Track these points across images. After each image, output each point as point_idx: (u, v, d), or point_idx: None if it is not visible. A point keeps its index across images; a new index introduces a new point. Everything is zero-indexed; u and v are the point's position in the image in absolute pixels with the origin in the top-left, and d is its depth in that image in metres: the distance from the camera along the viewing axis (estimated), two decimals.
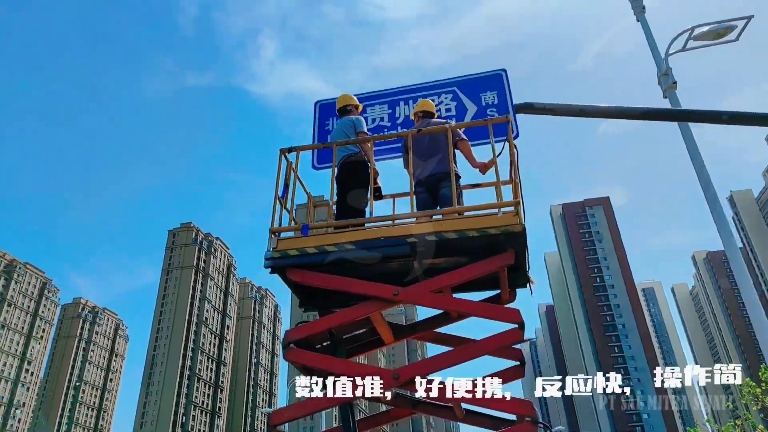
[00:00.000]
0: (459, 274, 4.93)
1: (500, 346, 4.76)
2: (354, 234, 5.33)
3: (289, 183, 5.95)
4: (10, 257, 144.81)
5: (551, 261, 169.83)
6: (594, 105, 6.74)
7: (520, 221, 4.78)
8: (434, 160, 5.75)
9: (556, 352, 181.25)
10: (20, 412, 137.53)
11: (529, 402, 4.33)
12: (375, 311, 5.13)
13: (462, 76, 7.39)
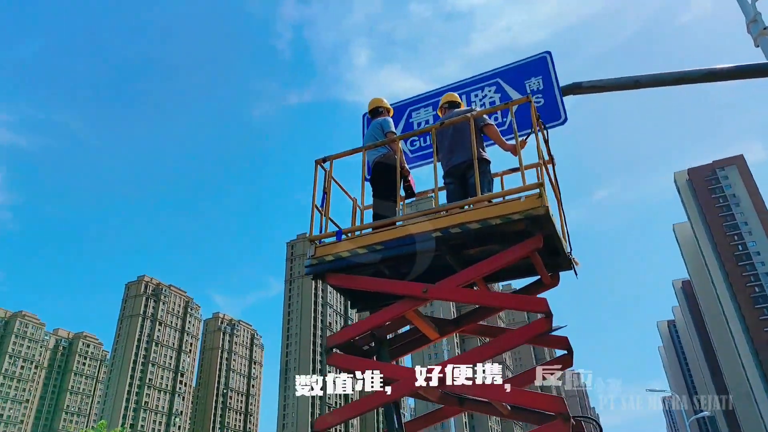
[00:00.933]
0: (486, 264, 4.74)
1: (529, 337, 4.50)
2: (382, 234, 5.32)
3: (327, 191, 6.07)
4: (157, 281, 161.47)
5: (682, 233, 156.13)
6: (648, 74, 6.18)
7: (544, 203, 4.48)
8: (459, 149, 5.58)
9: (699, 332, 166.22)
10: (179, 419, 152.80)
11: (561, 398, 4.04)
12: (408, 310, 5.07)
13: (505, 66, 7.18)
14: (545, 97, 6.65)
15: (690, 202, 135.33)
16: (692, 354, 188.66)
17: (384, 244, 5.23)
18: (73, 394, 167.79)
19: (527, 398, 4.27)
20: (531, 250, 4.60)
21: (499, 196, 4.89)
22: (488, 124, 5.68)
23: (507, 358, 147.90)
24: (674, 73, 6.04)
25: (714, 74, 5.90)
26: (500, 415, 5.09)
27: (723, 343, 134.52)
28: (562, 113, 6.49)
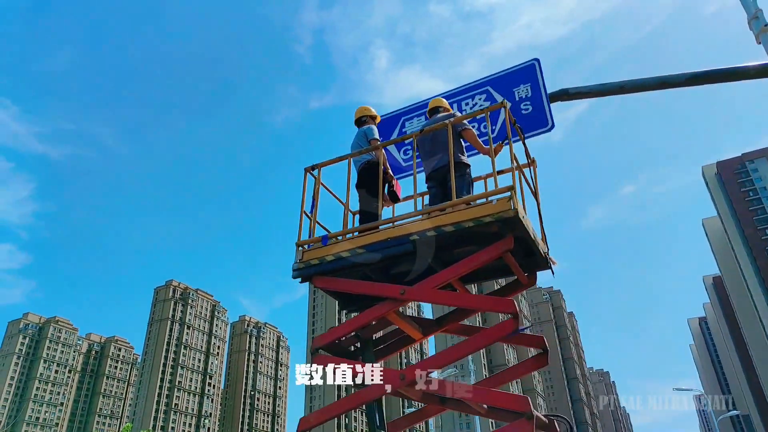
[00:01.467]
0: (460, 266, 4.88)
1: (498, 337, 4.64)
2: (364, 238, 5.50)
3: (316, 197, 6.28)
4: (184, 285, 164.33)
5: (711, 227, 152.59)
6: (633, 79, 6.24)
7: (513, 206, 4.60)
8: (440, 154, 5.73)
9: (731, 328, 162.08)
10: (209, 421, 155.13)
11: (525, 398, 4.16)
12: (388, 311, 5.23)
13: (495, 74, 7.26)
14: (533, 104, 6.74)
15: (719, 196, 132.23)
16: (724, 351, 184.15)
17: (365, 248, 5.41)
18: (106, 397, 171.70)
19: (494, 397, 4.41)
20: (502, 251, 4.73)
21: (473, 200, 5.02)
22: (467, 128, 5.81)
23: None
24: (657, 78, 6.08)
25: (696, 78, 5.92)
26: (479, 414, 5.22)
27: (756, 339, 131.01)
28: (549, 120, 6.57)
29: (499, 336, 4.66)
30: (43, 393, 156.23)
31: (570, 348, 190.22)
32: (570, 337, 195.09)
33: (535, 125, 6.59)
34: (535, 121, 6.62)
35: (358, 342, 5.80)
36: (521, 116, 6.71)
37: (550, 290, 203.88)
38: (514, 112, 6.77)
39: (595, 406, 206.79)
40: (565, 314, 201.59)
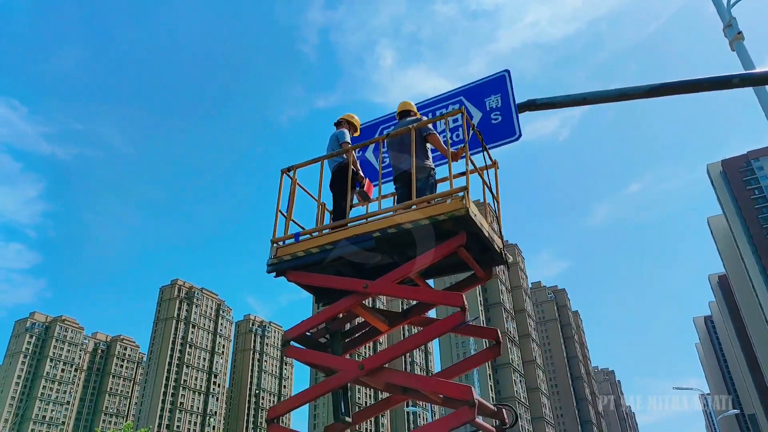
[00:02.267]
0: (417, 261, 5.16)
1: (446, 329, 4.93)
2: (332, 236, 5.78)
3: (293, 197, 6.57)
4: (189, 284, 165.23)
5: (717, 225, 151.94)
6: (595, 91, 6.48)
7: (465, 205, 4.88)
8: (405, 157, 5.99)
9: (737, 327, 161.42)
10: (213, 419, 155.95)
11: (468, 387, 4.44)
12: (354, 304, 5.51)
13: (468, 85, 7.49)
14: (503, 114, 6.96)
15: (724, 195, 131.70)
16: (730, 350, 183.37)
17: (333, 244, 5.70)
18: (112, 395, 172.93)
19: (440, 386, 4.71)
20: (456, 246, 5.01)
21: (430, 200, 5.30)
22: (431, 133, 6.09)
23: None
24: (617, 90, 6.32)
25: (655, 90, 6.12)
26: (436, 403, 5.49)
27: (761, 338, 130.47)
28: (516, 130, 6.81)
29: (447, 328, 4.94)
30: (49, 391, 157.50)
31: (575, 347, 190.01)
32: (575, 336, 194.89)
33: (504, 135, 6.84)
34: (504, 131, 6.86)
35: (328, 334, 6.08)
36: (491, 126, 6.96)
37: (554, 289, 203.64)
38: (485, 122, 7.04)
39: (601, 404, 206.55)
40: (569, 313, 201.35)
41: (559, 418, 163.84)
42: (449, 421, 4.40)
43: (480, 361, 5.77)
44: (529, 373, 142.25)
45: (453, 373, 5.91)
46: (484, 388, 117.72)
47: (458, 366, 5.94)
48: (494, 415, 5.38)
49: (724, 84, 5.76)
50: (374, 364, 4.95)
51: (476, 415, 4.28)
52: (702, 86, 5.86)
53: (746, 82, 5.58)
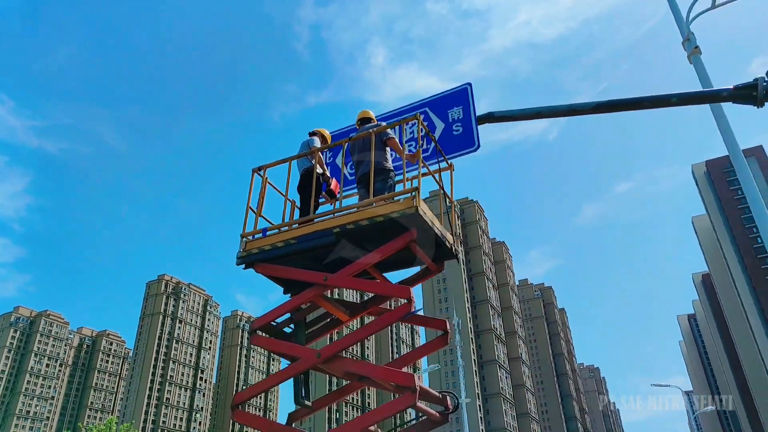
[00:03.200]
0: (372, 256, 5.55)
1: (395, 319, 5.32)
2: (296, 231, 6.15)
3: (263, 195, 6.93)
4: (176, 280, 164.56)
5: (701, 225, 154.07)
6: (548, 106, 6.84)
7: (415, 204, 5.28)
8: (366, 160, 6.37)
9: (719, 326, 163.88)
10: (200, 415, 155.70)
11: (412, 375, 4.83)
12: (315, 295, 5.88)
13: (432, 97, 7.85)
14: (463, 126, 7.33)
15: (708, 195, 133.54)
16: (713, 349, 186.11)
17: (297, 239, 6.07)
18: (97, 390, 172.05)
19: (388, 374, 5.10)
20: (407, 241, 5.40)
21: (385, 199, 5.69)
22: (390, 137, 6.51)
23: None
24: (567, 105, 6.71)
25: (600, 107, 6.48)
26: (388, 390, 5.88)
27: (743, 337, 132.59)
28: (476, 141, 7.17)
29: (396, 317, 5.34)
30: (33, 387, 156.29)
31: (560, 344, 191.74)
32: (561, 333, 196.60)
33: (464, 145, 7.22)
34: (464, 142, 7.24)
35: (292, 324, 6.45)
36: (453, 136, 7.34)
37: (541, 287, 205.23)
38: (447, 132, 7.41)
39: (585, 401, 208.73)
40: (556, 310, 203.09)
41: (544, 415, 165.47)
42: (394, 405, 4.78)
43: (430, 350, 6.18)
44: (515, 370, 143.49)
45: (405, 362, 6.30)
46: (469, 384, 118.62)
47: (411, 354, 6.34)
48: (439, 401, 5.80)
49: (664, 103, 6.11)
50: (330, 352, 5.33)
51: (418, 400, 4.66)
52: (642, 104, 6.24)
53: (683, 101, 5.93)
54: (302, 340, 6.22)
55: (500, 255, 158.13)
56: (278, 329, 6.43)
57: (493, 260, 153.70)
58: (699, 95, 5.91)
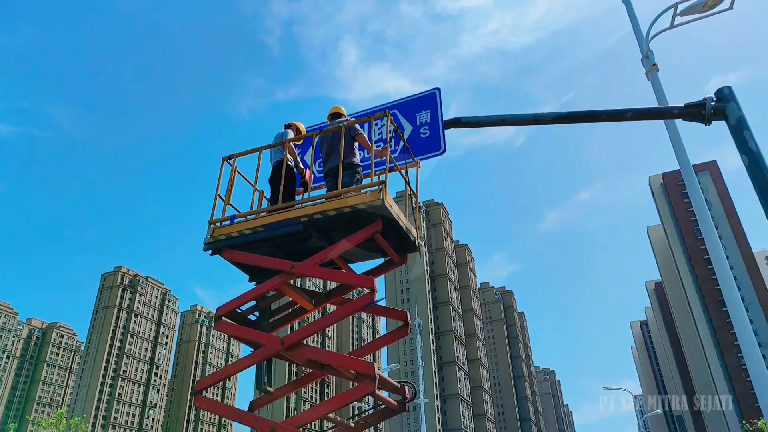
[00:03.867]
0: (338, 246, 5.69)
1: (357, 308, 5.51)
2: (264, 219, 6.24)
3: (232, 183, 6.97)
4: (134, 272, 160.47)
5: (655, 235, 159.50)
6: (512, 114, 7.08)
7: (381, 197, 5.46)
8: (335, 154, 6.52)
9: (669, 332, 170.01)
10: (153, 412, 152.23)
11: (371, 363, 5.01)
12: (281, 283, 5.98)
13: (402, 99, 8.01)
14: (431, 130, 7.53)
15: (663, 206, 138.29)
16: (663, 354, 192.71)
17: (265, 227, 6.16)
18: (46, 384, 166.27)
19: (348, 362, 5.26)
20: (372, 232, 5.57)
21: (353, 191, 5.84)
22: (359, 133, 6.68)
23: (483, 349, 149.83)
24: (531, 114, 7.00)
25: (560, 118, 6.77)
26: (348, 378, 6.04)
27: (691, 344, 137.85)
28: (442, 145, 7.37)
29: (358, 307, 5.53)
30: None
31: (518, 347, 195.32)
32: (519, 336, 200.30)
33: (430, 148, 7.41)
34: (431, 145, 7.43)
35: (257, 311, 6.53)
36: (421, 139, 7.53)
37: (502, 290, 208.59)
38: (415, 135, 7.60)
39: (540, 403, 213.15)
40: (515, 314, 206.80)
41: (500, 416, 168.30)
42: (353, 392, 4.94)
43: (391, 340, 6.36)
44: (474, 371, 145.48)
45: (366, 351, 6.46)
46: (428, 384, 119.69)
47: (372, 344, 6.52)
48: (397, 390, 6.00)
49: (619, 117, 6.44)
50: (294, 339, 5.45)
51: (377, 388, 4.83)
52: (599, 117, 6.57)
53: (637, 116, 6.26)
54: (266, 327, 6.31)
55: (463, 257, 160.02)
56: (243, 316, 6.50)
57: (456, 262, 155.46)
58: (652, 111, 6.24)
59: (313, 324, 5.47)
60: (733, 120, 4.99)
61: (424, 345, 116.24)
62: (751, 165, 4.73)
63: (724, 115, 5.07)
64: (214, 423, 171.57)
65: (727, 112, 5.06)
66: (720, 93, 5.21)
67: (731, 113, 5.03)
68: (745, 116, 4.99)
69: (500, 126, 7.09)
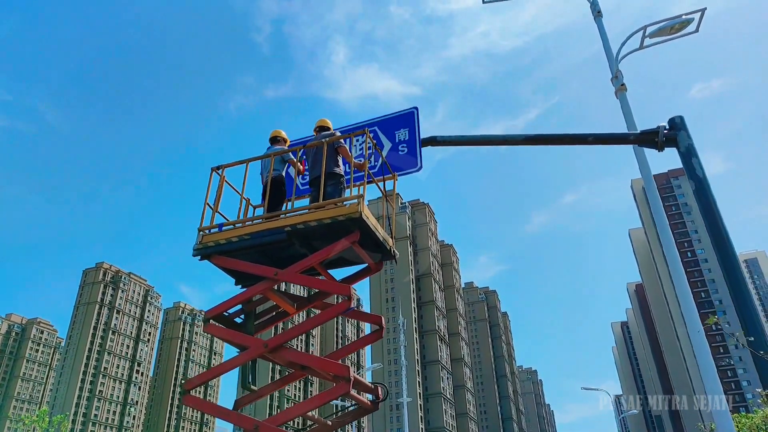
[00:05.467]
0: (319, 254, 6.08)
1: (335, 314, 5.91)
2: (250, 227, 6.61)
3: (220, 192, 7.31)
4: (116, 269, 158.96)
5: (637, 238, 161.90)
6: (484, 135, 7.45)
7: (359, 209, 5.85)
8: (318, 165, 6.90)
9: (649, 333, 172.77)
10: (134, 409, 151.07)
11: (347, 366, 5.41)
12: (265, 289, 6.35)
13: (382, 117, 8.37)
14: (408, 147, 7.89)
15: (645, 209, 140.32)
16: (642, 355, 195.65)
17: (251, 235, 6.53)
18: (25, 380, 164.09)
19: (325, 365, 5.66)
20: (351, 242, 5.97)
21: (333, 203, 6.24)
22: (341, 146, 7.06)
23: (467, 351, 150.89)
24: (501, 135, 7.43)
25: (530, 139, 7.16)
26: (327, 379, 6.43)
27: (670, 345, 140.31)
28: (418, 162, 7.74)
29: (336, 313, 5.93)
30: None
31: (501, 347, 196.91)
32: (502, 336, 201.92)
33: (408, 165, 7.78)
34: (408, 162, 7.79)
35: (243, 314, 6.89)
36: (399, 156, 7.88)
37: (486, 290, 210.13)
38: (394, 152, 7.97)
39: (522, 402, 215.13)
40: (499, 314, 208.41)
41: (483, 415, 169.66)
42: (330, 393, 5.34)
43: (365, 343, 6.78)
44: (457, 371, 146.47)
45: (342, 354, 6.86)
46: (411, 383, 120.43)
47: (348, 347, 6.94)
48: (371, 391, 6.41)
49: (581, 141, 6.87)
50: (276, 343, 5.83)
51: (351, 389, 5.23)
52: (564, 141, 7.00)
53: (598, 141, 6.69)
54: (251, 330, 6.68)
55: (448, 257, 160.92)
56: (230, 319, 6.86)
57: (441, 262, 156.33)
58: (610, 137, 6.66)
59: (294, 328, 5.85)
60: (683, 147, 5.45)
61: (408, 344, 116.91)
62: (698, 190, 5.19)
63: (675, 142, 5.52)
64: (195, 421, 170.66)
65: (677, 140, 5.51)
66: (672, 122, 5.67)
67: (681, 141, 5.48)
68: (693, 144, 5.45)
69: (474, 145, 7.51)
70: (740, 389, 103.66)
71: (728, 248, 5.14)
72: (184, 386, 6.24)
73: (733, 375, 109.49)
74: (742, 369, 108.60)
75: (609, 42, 8.85)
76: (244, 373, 6.29)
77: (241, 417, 5.96)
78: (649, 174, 7.65)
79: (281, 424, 5.78)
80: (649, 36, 8.09)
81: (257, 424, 5.61)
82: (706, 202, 5.10)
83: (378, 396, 6.55)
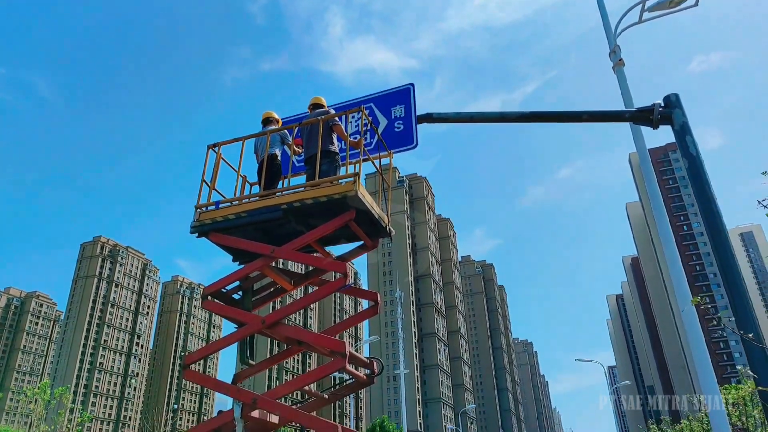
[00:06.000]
0: (315, 232, 6.13)
1: (332, 290, 5.98)
2: (247, 205, 6.65)
3: (217, 170, 7.32)
4: (114, 242, 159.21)
5: (633, 211, 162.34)
6: (481, 111, 7.41)
7: (355, 188, 5.87)
8: (314, 143, 6.89)
9: (644, 307, 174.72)
10: (135, 381, 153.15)
11: (342, 341, 5.51)
12: (262, 266, 6.41)
13: (377, 93, 8.27)
14: (404, 124, 7.83)
15: (642, 183, 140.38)
16: (636, 327, 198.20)
17: (247, 213, 6.57)
18: (25, 353, 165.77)
19: (322, 340, 5.76)
20: (347, 220, 6.02)
21: (329, 181, 6.26)
22: (336, 124, 7.05)
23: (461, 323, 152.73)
24: (498, 112, 7.38)
25: (524, 116, 7.10)
26: (324, 354, 6.55)
27: (664, 318, 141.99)
28: (414, 139, 7.69)
29: (332, 290, 6.02)
30: None
31: (498, 319, 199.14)
32: (498, 309, 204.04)
33: (403, 142, 7.74)
34: (404, 139, 7.75)
35: (241, 291, 6.97)
36: (395, 133, 7.83)
37: (483, 264, 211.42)
38: (389, 128, 7.91)
39: (517, 373, 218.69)
40: (495, 287, 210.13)
41: (479, 386, 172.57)
42: (326, 368, 5.45)
43: (361, 319, 6.89)
44: (453, 343, 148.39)
45: (339, 329, 6.97)
46: (408, 355, 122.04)
47: (344, 323, 7.05)
48: (366, 365, 6.53)
49: (576, 118, 6.84)
50: (273, 319, 5.92)
51: (348, 363, 5.34)
52: (560, 118, 6.98)
53: (593, 119, 6.67)
54: (249, 306, 6.77)
55: (445, 231, 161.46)
56: (228, 295, 6.94)
57: (438, 236, 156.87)
58: (605, 114, 6.64)
59: (291, 305, 5.94)
60: (677, 125, 5.46)
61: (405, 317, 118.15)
62: (691, 168, 5.23)
63: (670, 120, 5.52)
64: (196, 392, 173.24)
65: (672, 117, 5.52)
66: (667, 99, 5.66)
67: (676, 119, 5.49)
68: (688, 122, 5.46)
69: (470, 123, 7.49)
70: (732, 360, 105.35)
71: (719, 225, 5.20)
72: (184, 360, 6.35)
73: (726, 347, 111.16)
74: (735, 341, 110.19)
75: (608, 15, 8.75)
76: (242, 348, 6.40)
77: (241, 391, 6.09)
78: (645, 149, 7.69)
79: (279, 398, 5.90)
80: (648, 10, 7.99)
81: (256, 398, 5.73)
82: (699, 180, 5.14)
83: (374, 370, 6.69)
